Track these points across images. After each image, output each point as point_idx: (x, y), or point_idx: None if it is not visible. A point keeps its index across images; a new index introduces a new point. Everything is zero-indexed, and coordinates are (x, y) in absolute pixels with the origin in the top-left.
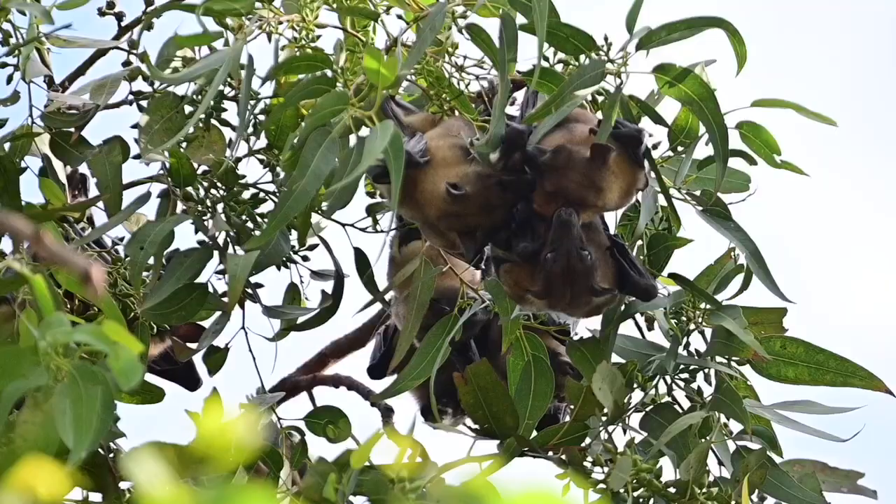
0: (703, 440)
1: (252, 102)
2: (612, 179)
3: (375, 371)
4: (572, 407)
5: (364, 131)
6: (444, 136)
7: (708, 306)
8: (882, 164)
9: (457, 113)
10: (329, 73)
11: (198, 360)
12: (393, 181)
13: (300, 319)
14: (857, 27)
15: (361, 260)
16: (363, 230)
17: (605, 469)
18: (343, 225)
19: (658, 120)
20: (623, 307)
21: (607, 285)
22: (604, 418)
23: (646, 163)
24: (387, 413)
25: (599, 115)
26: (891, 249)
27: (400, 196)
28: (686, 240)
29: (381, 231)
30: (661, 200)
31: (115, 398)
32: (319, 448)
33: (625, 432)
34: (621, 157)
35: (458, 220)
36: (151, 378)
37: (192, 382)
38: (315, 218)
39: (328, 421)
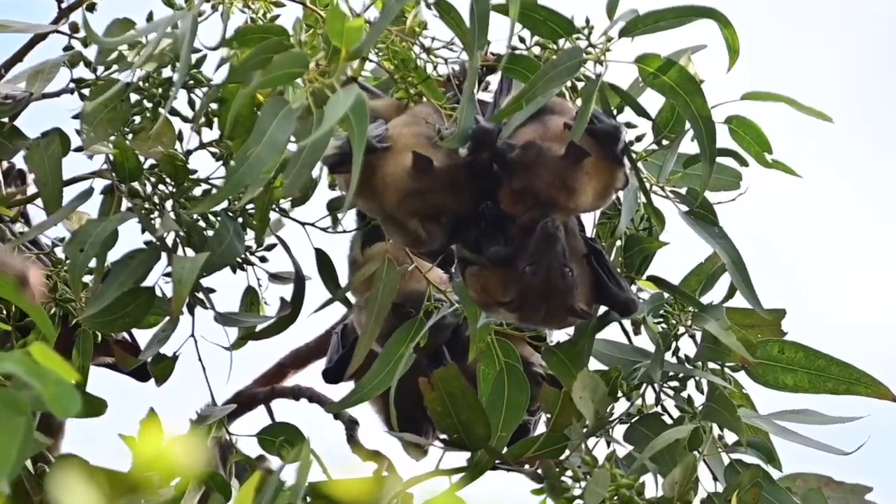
0: (693, 453)
1: (204, 90)
2: (586, 180)
3: (331, 374)
4: (548, 417)
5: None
6: (409, 124)
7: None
8: (881, 164)
9: (424, 99)
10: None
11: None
12: (354, 150)
13: (258, 327)
14: (856, 23)
15: (323, 261)
16: (324, 230)
17: (585, 484)
18: (303, 224)
19: (641, 112)
20: (598, 316)
21: (585, 306)
22: (584, 429)
23: (625, 160)
24: (351, 426)
25: (580, 102)
26: (890, 250)
27: (358, 182)
28: (661, 243)
29: (344, 231)
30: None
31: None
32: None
33: (608, 445)
34: (597, 156)
35: (421, 201)
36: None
37: (141, 373)
38: (272, 217)
39: (283, 439)
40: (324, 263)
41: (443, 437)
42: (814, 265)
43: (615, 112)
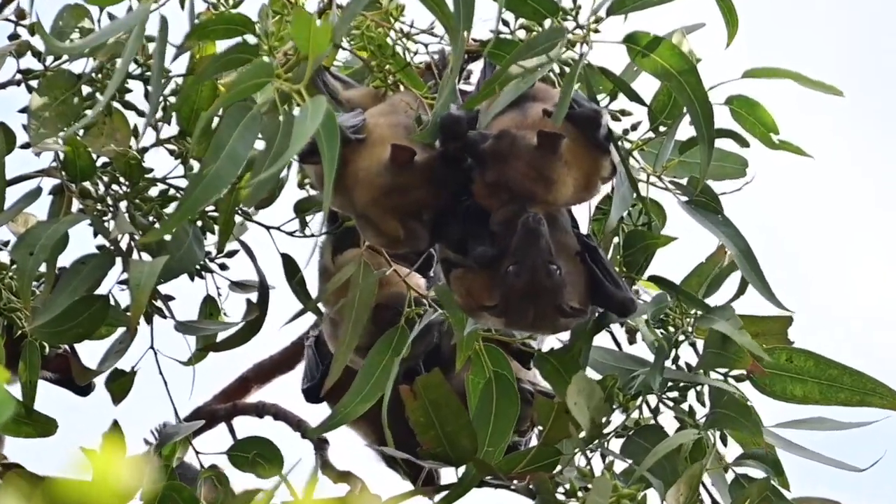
0: (699, 463)
1: (162, 81)
2: (565, 170)
3: (313, 393)
4: (540, 429)
5: (296, 111)
6: (386, 113)
7: (698, 312)
8: (893, 147)
9: (402, 88)
10: (252, 39)
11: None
12: (326, 170)
13: (219, 337)
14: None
15: (290, 268)
16: (291, 234)
17: (583, 496)
18: (268, 228)
19: (634, 97)
20: (595, 318)
21: (577, 304)
22: (580, 440)
23: (612, 147)
24: (320, 445)
25: None
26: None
27: (334, 183)
28: (669, 238)
29: (313, 235)
30: (642, 190)
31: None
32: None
33: (603, 459)
34: (577, 143)
35: (401, 198)
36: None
37: (81, 387)
38: (235, 219)
39: (256, 454)
40: (291, 271)
41: (425, 450)
42: (819, 253)
43: (608, 99)
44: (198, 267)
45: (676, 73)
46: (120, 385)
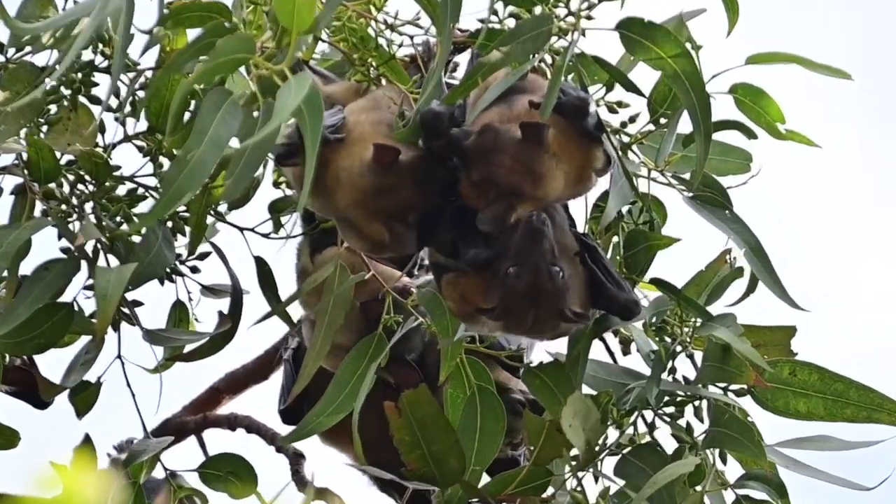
0: (693, 490)
1: (131, 76)
2: (554, 163)
3: (291, 415)
4: (531, 449)
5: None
6: (368, 109)
7: (697, 321)
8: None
9: (384, 82)
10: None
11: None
12: (308, 151)
13: (188, 347)
14: None
15: (263, 271)
16: (265, 236)
17: None
18: (241, 229)
19: (631, 87)
20: (594, 321)
21: (580, 308)
22: (572, 462)
23: (605, 137)
24: (296, 460)
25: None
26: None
27: (313, 183)
28: (672, 238)
29: (288, 237)
30: (643, 186)
31: None
32: None
33: (596, 480)
34: (565, 135)
35: (385, 200)
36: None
37: (39, 400)
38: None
39: (229, 472)
40: (264, 274)
41: (410, 470)
42: (818, 253)
43: (604, 90)
44: (167, 271)
45: (672, 61)
46: (84, 398)
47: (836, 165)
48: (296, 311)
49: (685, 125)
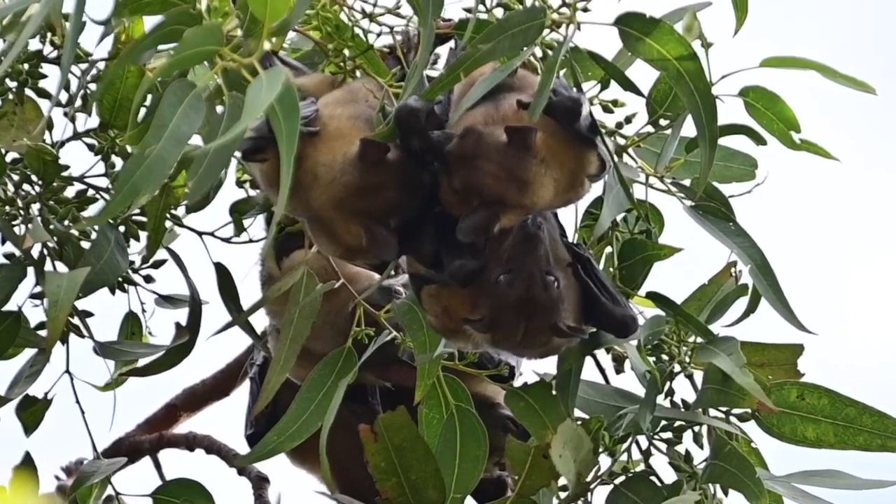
0: None
1: (83, 67)
2: (542, 169)
3: (257, 439)
4: (515, 478)
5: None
6: (344, 102)
7: (697, 340)
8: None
9: (359, 74)
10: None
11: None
12: (283, 156)
13: (143, 360)
14: None
15: (224, 279)
16: (226, 240)
17: None
18: (200, 233)
19: (629, 85)
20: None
21: (574, 322)
22: (561, 493)
23: (600, 140)
24: (259, 484)
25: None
26: None
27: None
28: (672, 249)
29: (250, 241)
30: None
31: None
32: None
33: None
34: (556, 138)
35: (368, 199)
36: None
37: None
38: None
39: (185, 498)
40: (225, 282)
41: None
42: (825, 266)
43: (599, 87)
44: (120, 279)
45: (674, 60)
46: (32, 414)
47: (839, 175)
48: (260, 321)
49: (687, 127)
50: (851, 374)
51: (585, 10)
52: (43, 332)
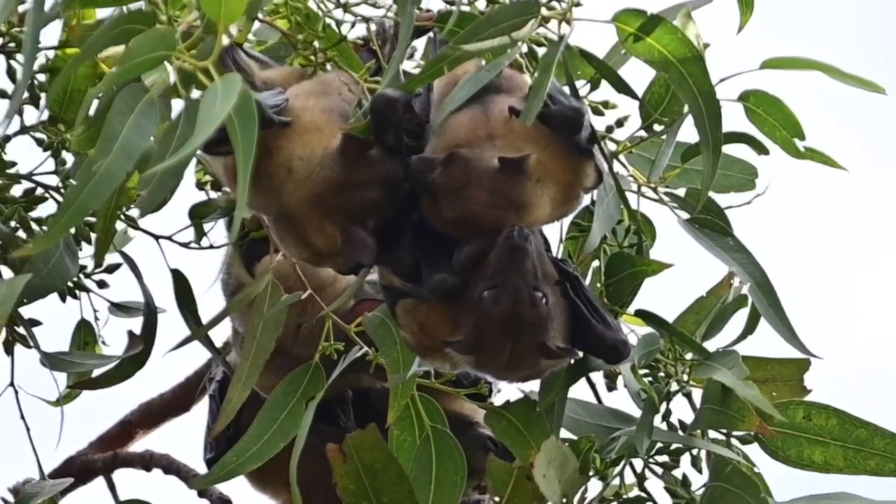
0: None
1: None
2: (538, 190)
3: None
4: (496, 500)
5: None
6: (317, 94)
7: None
8: None
9: (329, 68)
10: (145, 7)
11: None
12: (240, 164)
13: (95, 372)
14: None
15: (181, 286)
16: (185, 245)
17: None
18: (156, 237)
19: (622, 87)
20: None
21: (563, 342)
22: None
23: (594, 150)
24: None
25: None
26: None
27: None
28: (662, 264)
29: (212, 246)
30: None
31: None
32: None
33: None
34: (551, 150)
35: (347, 198)
36: None
37: None
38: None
39: None
40: (182, 289)
41: None
42: (836, 271)
43: (588, 87)
44: (70, 284)
45: (677, 61)
46: None
47: (844, 176)
48: (220, 332)
49: (683, 133)
50: (858, 379)
51: (578, 3)
52: None
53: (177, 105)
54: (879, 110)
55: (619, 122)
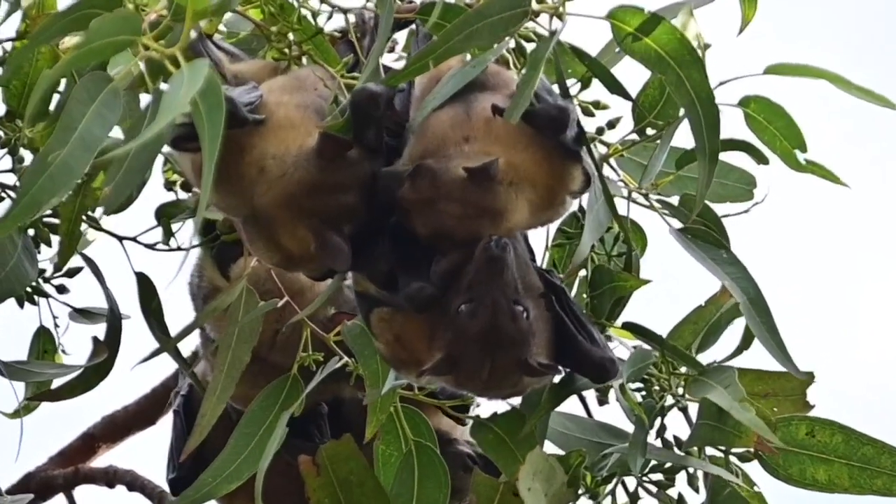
0: None
1: None
2: (513, 194)
3: (184, 485)
4: None
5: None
6: (291, 90)
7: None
8: None
9: (305, 62)
10: None
11: None
12: (205, 155)
13: (56, 382)
14: None
15: (147, 291)
16: (151, 247)
17: None
18: (120, 239)
19: (615, 87)
20: (559, 379)
21: (545, 359)
22: None
23: (585, 152)
24: None
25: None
26: None
27: (216, 169)
28: (640, 281)
29: (179, 248)
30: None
31: None
32: None
33: None
34: (530, 153)
35: (323, 200)
36: None
37: None
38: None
39: None
40: (148, 295)
41: None
42: (839, 284)
43: (579, 86)
44: (28, 289)
45: (675, 63)
46: None
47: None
48: (188, 341)
49: (678, 138)
50: (863, 395)
51: None
52: None
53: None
54: (888, 119)
55: (611, 124)
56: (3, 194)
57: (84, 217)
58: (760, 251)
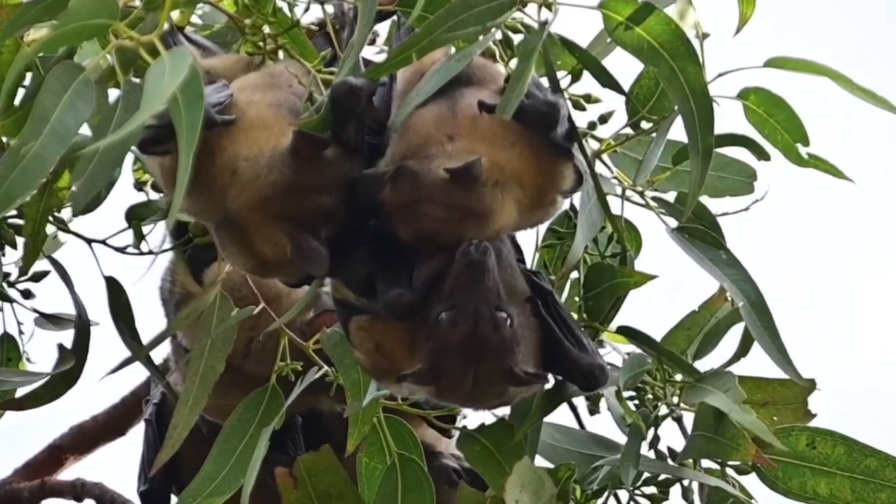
0: None
1: None
2: (499, 194)
3: (155, 497)
4: None
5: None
6: (264, 87)
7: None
8: None
9: (281, 56)
10: None
11: None
12: (182, 152)
13: (21, 391)
14: None
15: (116, 296)
16: (121, 250)
17: None
18: (89, 241)
19: (607, 80)
20: (550, 387)
21: (532, 367)
22: None
23: (576, 149)
24: None
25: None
26: None
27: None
28: (646, 276)
29: (150, 252)
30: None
31: None
32: None
33: None
34: (518, 151)
35: (299, 203)
36: None
37: None
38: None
39: None
40: (118, 300)
41: None
42: (841, 282)
43: (569, 79)
44: None
45: (668, 55)
46: None
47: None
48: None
49: (675, 131)
50: (865, 395)
51: None
52: None
53: (114, 95)
54: (889, 118)
55: (603, 119)
56: None
57: (51, 219)
58: (760, 249)
